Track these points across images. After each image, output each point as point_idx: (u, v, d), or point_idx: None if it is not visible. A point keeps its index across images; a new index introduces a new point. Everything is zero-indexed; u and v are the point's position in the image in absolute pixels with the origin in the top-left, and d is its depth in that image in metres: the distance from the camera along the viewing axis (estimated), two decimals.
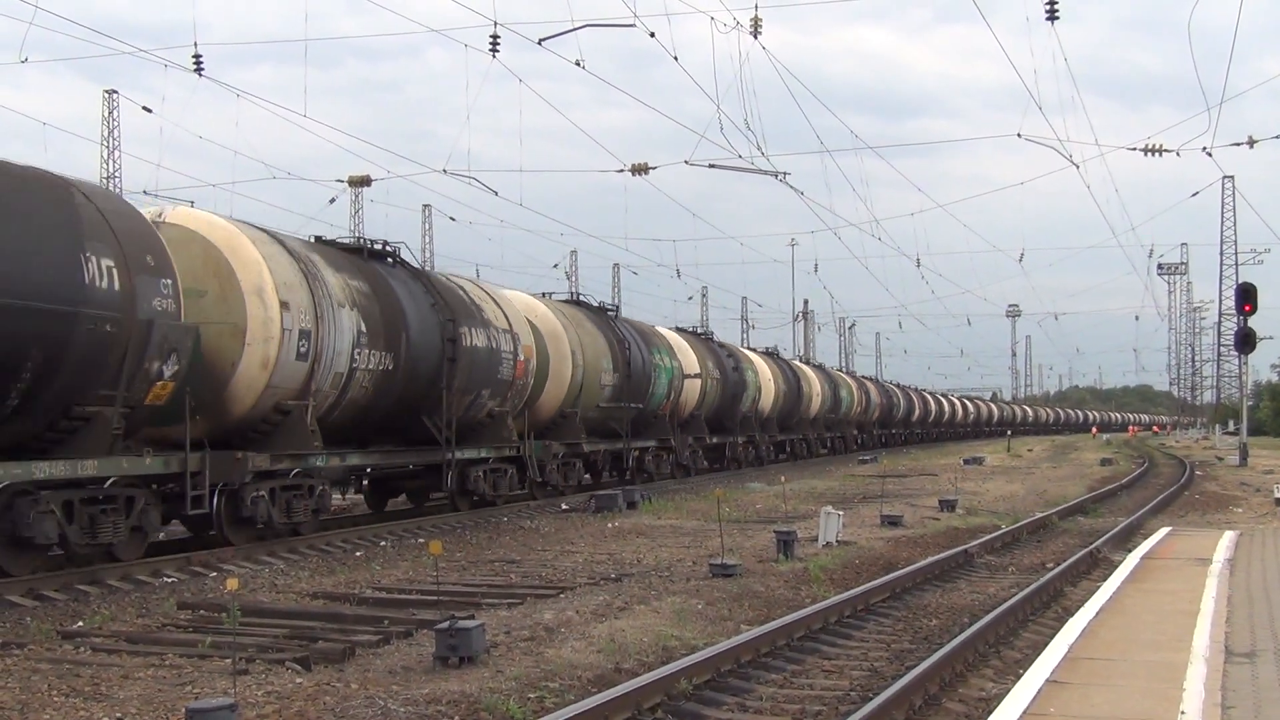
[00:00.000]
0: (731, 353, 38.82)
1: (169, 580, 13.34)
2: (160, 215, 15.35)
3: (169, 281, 13.55)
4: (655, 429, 30.27)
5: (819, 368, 56.14)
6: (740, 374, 37.95)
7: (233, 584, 8.57)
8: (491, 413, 21.38)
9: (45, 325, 11.87)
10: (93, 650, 9.67)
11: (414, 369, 18.55)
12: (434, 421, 19.18)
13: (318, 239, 18.85)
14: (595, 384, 26.05)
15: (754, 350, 45.52)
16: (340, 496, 20.12)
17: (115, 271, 12.69)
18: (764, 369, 41.43)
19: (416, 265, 20.46)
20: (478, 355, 20.26)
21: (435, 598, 11.71)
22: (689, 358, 33.16)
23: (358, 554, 15.97)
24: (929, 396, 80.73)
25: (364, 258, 18.81)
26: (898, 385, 75.46)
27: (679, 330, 35.98)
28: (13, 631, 10.40)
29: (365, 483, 21.12)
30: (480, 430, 21.28)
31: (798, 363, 51.52)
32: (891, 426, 66.66)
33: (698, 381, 33.02)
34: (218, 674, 8.65)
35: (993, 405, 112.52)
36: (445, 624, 9.00)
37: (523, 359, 22.24)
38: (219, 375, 14.95)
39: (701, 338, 37.88)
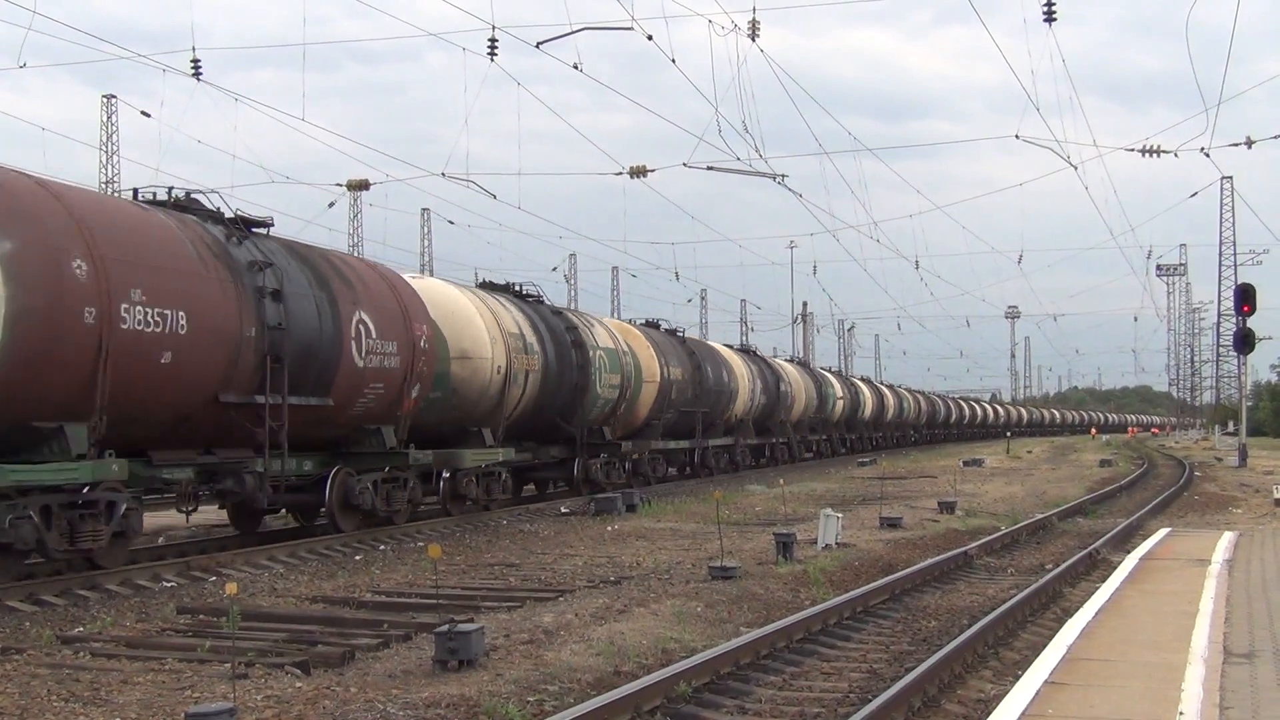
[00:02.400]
0: (852, 381, 60.37)
1: (168, 585, 13.35)
2: (723, 348, 40.53)
3: (708, 371, 34.67)
4: (825, 428, 52.37)
5: (891, 387, 74.82)
6: (858, 394, 58.61)
7: (232, 588, 8.56)
8: (783, 420, 44.34)
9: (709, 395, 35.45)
10: (92, 655, 9.66)
11: (769, 402, 41.60)
12: (773, 423, 42.79)
13: (726, 344, 41.01)
14: (811, 405, 48.57)
15: (855, 377, 67.08)
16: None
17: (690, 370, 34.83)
18: (865, 390, 61.63)
19: (763, 355, 45.32)
20: (785, 395, 44.03)
21: (434, 601, 11.71)
22: (837, 386, 54.43)
23: (357, 558, 15.97)
24: (921, 398, 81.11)
25: (750, 352, 42.97)
26: (895, 388, 76.03)
27: (828, 370, 58.71)
28: (12, 636, 10.39)
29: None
30: (778, 429, 44.18)
31: (877, 383, 73.14)
32: (935, 427, 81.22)
33: (842, 400, 54.03)
34: (217, 678, 8.65)
35: (992, 406, 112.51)
36: (444, 627, 9.00)
37: (794, 395, 45.80)
38: (734, 405, 37.49)
39: (837, 373, 61.11)
